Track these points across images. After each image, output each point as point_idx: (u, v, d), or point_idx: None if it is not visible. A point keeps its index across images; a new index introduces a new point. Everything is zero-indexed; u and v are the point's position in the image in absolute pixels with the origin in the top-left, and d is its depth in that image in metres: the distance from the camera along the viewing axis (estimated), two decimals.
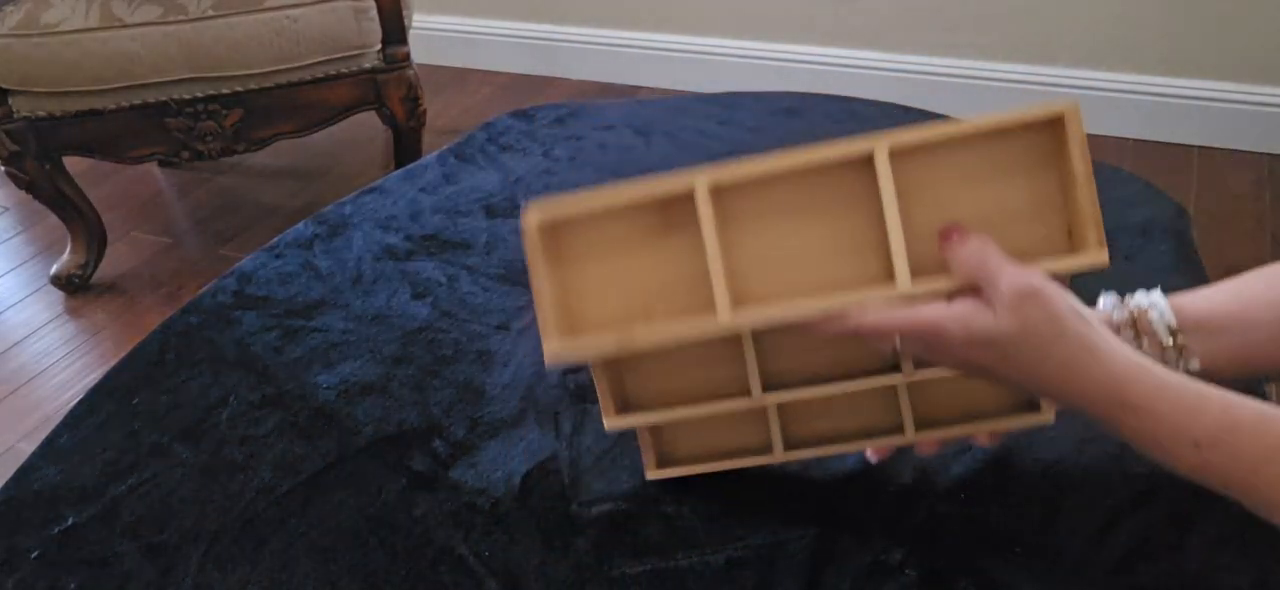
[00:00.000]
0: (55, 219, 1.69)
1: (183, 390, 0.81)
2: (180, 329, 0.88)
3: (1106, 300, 0.61)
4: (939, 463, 0.67)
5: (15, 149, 1.54)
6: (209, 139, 1.58)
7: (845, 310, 0.51)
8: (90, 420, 0.78)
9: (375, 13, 1.55)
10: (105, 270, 1.75)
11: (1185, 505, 0.62)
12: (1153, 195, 0.94)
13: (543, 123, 1.19)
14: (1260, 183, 1.64)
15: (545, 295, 0.56)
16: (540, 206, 0.54)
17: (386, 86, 1.61)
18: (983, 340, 0.48)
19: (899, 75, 1.93)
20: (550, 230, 0.56)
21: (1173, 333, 0.56)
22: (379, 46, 1.59)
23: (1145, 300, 0.59)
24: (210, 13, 1.49)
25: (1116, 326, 0.59)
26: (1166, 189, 0.96)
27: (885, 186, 0.50)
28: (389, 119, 1.65)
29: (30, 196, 1.63)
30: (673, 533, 0.65)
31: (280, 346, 0.85)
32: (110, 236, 1.76)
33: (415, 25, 2.09)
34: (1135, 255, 0.85)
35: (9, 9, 1.49)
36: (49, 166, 1.59)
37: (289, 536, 0.67)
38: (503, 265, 0.94)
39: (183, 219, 1.93)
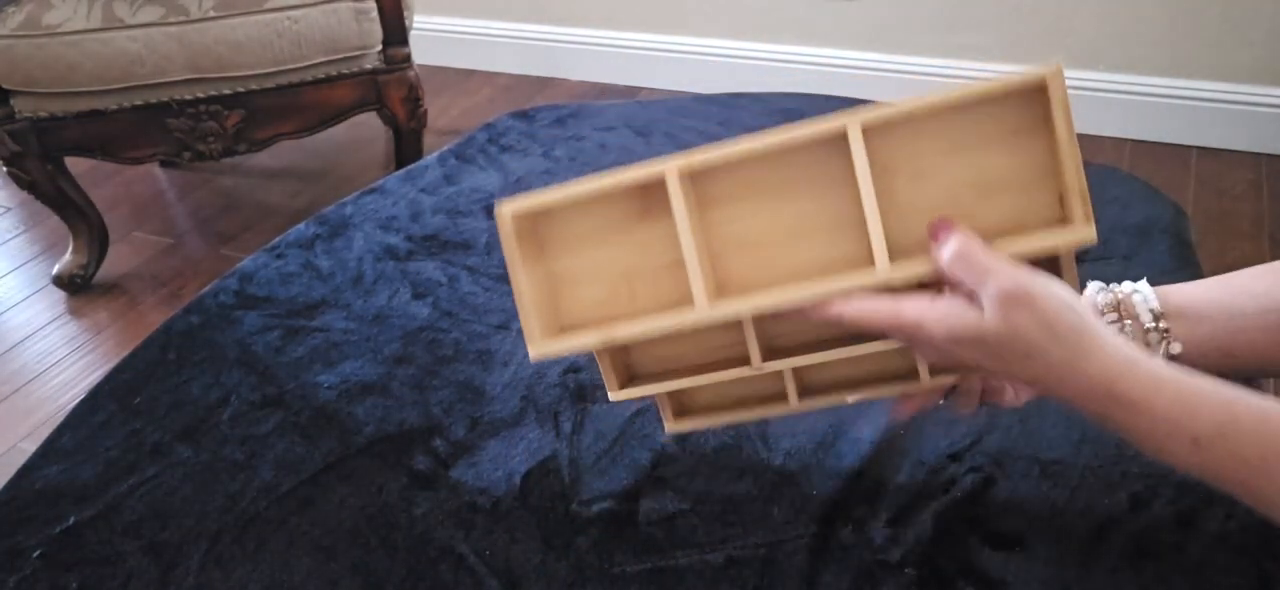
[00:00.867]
0: (57, 219, 1.69)
1: (184, 390, 0.81)
2: (181, 329, 0.88)
3: (1091, 287, 0.61)
4: (940, 462, 0.67)
5: (17, 149, 1.54)
6: (210, 140, 1.58)
7: (827, 299, 0.50)
8: (92, 420, 0.78)
9: (376, 14, 1.55)
10: (107, 270, 1.75)
11: (1185, 505, 0.62)
12: (1151, 195, 0.94)
13: (543, 123, 1.19)
14: (1258, 183, 1.64)
15: (524, 295, 0.55)
16: (514, 199, 0.54)
17: (387, 87, 1.61)
18: (969, 340, 0.47)
19: (899, 75, 1.93)
20: (526, 222, 0.55)
21: (1156, 316, 0.56)
22: (380, 47, 1.59)
23: (1129, 285, 0.59)
24: (211, 14, 1.49)
25: (1100, 310, 0.59)
26: (1165, 189, 0.96)
27: (860, 166, 0.49)
28: (390, 120, 1.66)
29: (32, 197, 1.63)
30: (673, 532, 0.65)
31: (281, 346, 0.85)
32: (112, 237, 1.76)
33: (416, 26, 2.09)
34: (1133, 255, 0.85)
35: (11, 10, 1.49)
36: (51, 167, 1.59)
37: (290, 536, 0.67)
38: (503, 265, 0.94)
39: (184, 219, 1.93)
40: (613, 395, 0.62)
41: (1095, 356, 0.46)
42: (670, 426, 0.66)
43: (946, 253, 0.48)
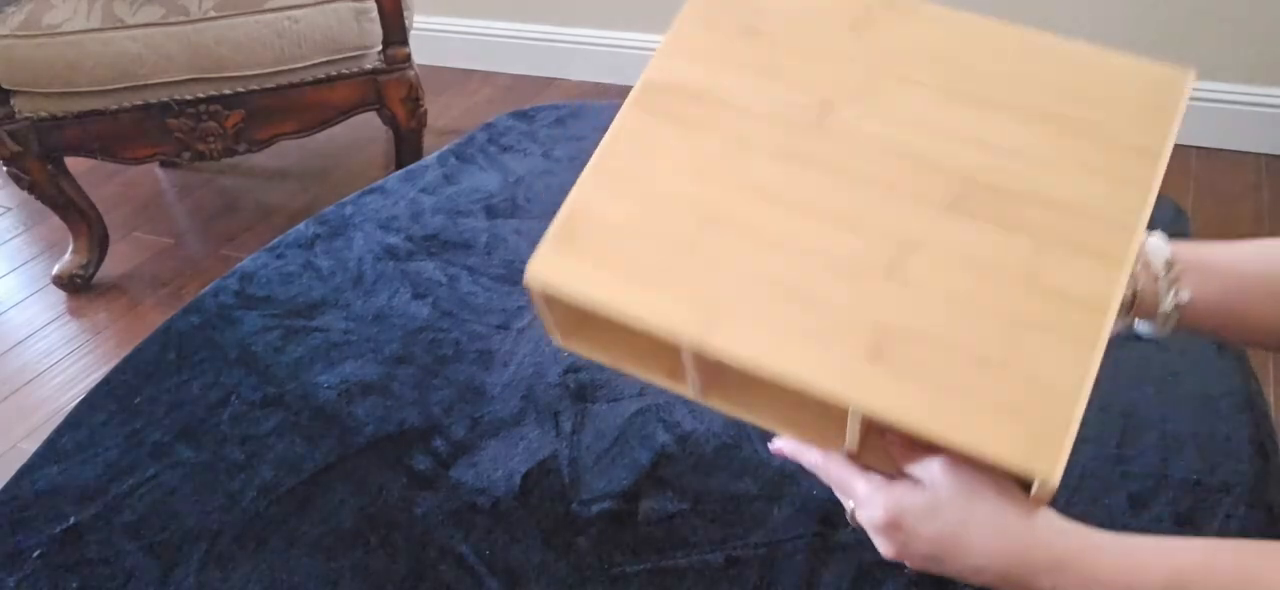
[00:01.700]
0: (57, 219, 1.69)
1: (184, 390, 0.81)
2: (182, 329, 0.88)
3: None
4: None
5: (17, 149, 1.54)
6: (210, 139, 1.58)
7: (794, 446, 0.54)
8: (92, 420, 0.78)
9: (376, 14, 1.55)
10: (107, 270, 1.75)
11: (1184, 506, 0.62)
12: None
13: (543, 123, 1.19)
14: (1258, 184, 1.64)
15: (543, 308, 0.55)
16: (546, 269, 0.54)
17: (387, 87, 1.61)
18: (912, 515, 0.49)
19: None
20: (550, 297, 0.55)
21: (1169, 265, 0.56)
22: (380, 47, 1.59)
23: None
24: (212, 14, 1.49)
25: None
26: (1164, 190, 0.96)
27: (851, 434, 0.51)
28: (390, 120, 1.66)
29: (32, 197, 1.63)
30: (673, 532, 0.65)
31: (281, 346, 0.85)
32: (112, 236, 1.76)
33: (416, 26, 2.09)
34: None
35: (11, 10, 1.50)
36: (51, 167, 1.59)
37: (290, 535, 0.67)
38: (503, 265, 0.94)
39: (184, 219, 1.93)
40: (557, 341, 0.58)
41: (1037, 532, 0.46)
42: (559, 342, 0.60)
43: (910, 460, 0.49)
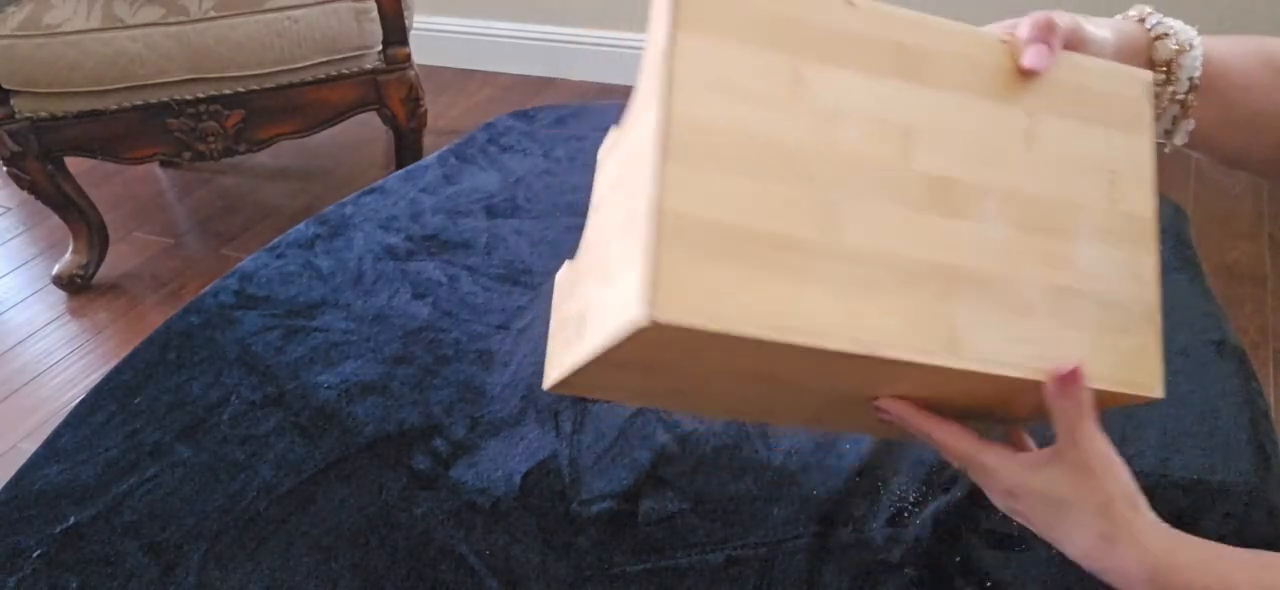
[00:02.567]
0: (57, 219, 1.69)
1: (184, 390, 0.81)
2: (182, 329, 0.88)
3: (1150, 18, 0.56)
4: (939, 462, 0.67)
5: (17, 149, 1.54)
6: (210, 139, 1.58)
7: (902, 408, 0.50)
8: (92, 420, 0.78)
9: (376, 14, 1.55)
10: (107, 270, 1.75)
11: (1184, 505, 0.62)
12: None
13: (543, 123, 1.19)
14: (1258, 183, 1.64)
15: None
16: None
17: (387, 87, 1.61)
18: (1035, 492, 0.48)
19: None
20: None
21: (1191, 87, 0.53)
22: (380, 47, 1.59)
23: (1186, 35, 0.54)
24: (211, 14, 1.49)
25: (1151, 54, 0.55)
26: (1165, 190, 0.95)
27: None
28: (390, 120, 1.66)
29: (32, 197, 1.63)
30: (673, 532, 0.65)
31: (281, 346, 0.85)
32: (112, 236, 1.76)
33: (416, 26, 2.09)
34: None
35: (11, 9, 1.50)
36: (51, 167, 1.59)
37: (290, 536, 0.67)
38: (503, 265, 0.94)
39: (184, 219, 1.93)
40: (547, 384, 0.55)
41: (1143, 537, 0.47)
42: (549, 385, 0.56)
43: (1061, 401, 0.47)
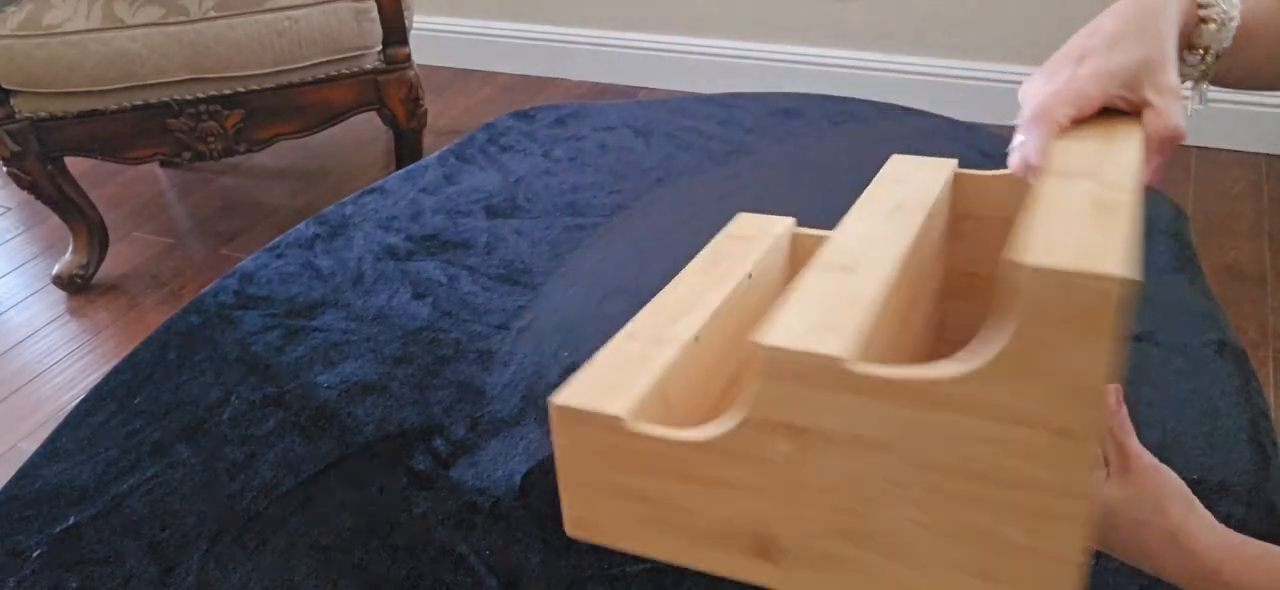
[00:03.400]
0: (57, 219, 1.69)
1: (184, 390, 0.81)
2: (182, 329, 0.88)
3: None
4: None
5: (17, 149, 1.54)
6: (210, 139, 1.58)
7: None
8: (92, 420, 0.78)
9: (376, 14, 1.55)
10: (107, 270, 1.75)
11: None
12: (1151, 196, 0.94)
13: (543, 123, 1.19)
14: (1258, 183, 1.64)
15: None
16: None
17: (387, 87, 1.61)
18: (1111, 509, 0.51)
19: (899, 75, 1.93)
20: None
21: (1218, 55, 0.52)
22: (380, 47, 1.59)
23: (1223, 11, 0.51)
24: (211, 14, 1.49)
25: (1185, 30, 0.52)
26: (1165, 190, 0.96)
27: None
28: (390, 120, 1.66)
29: (32, 197, 1.63)
30: None
31: (281, 346, 0.85)
32: (112, 236, 1.76)
33: (416, 26, 2.09)
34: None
35: (11, 10, 1.50)
36: (51, 167, 1.59)
37: (290, 535, 0.67)
38: (503, 265, 0.94)
39: (184, 219, 1.93)
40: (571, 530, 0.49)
41: (1200, 538, 0.49)
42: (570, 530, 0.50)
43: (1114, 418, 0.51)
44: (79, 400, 0.80)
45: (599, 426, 0.43)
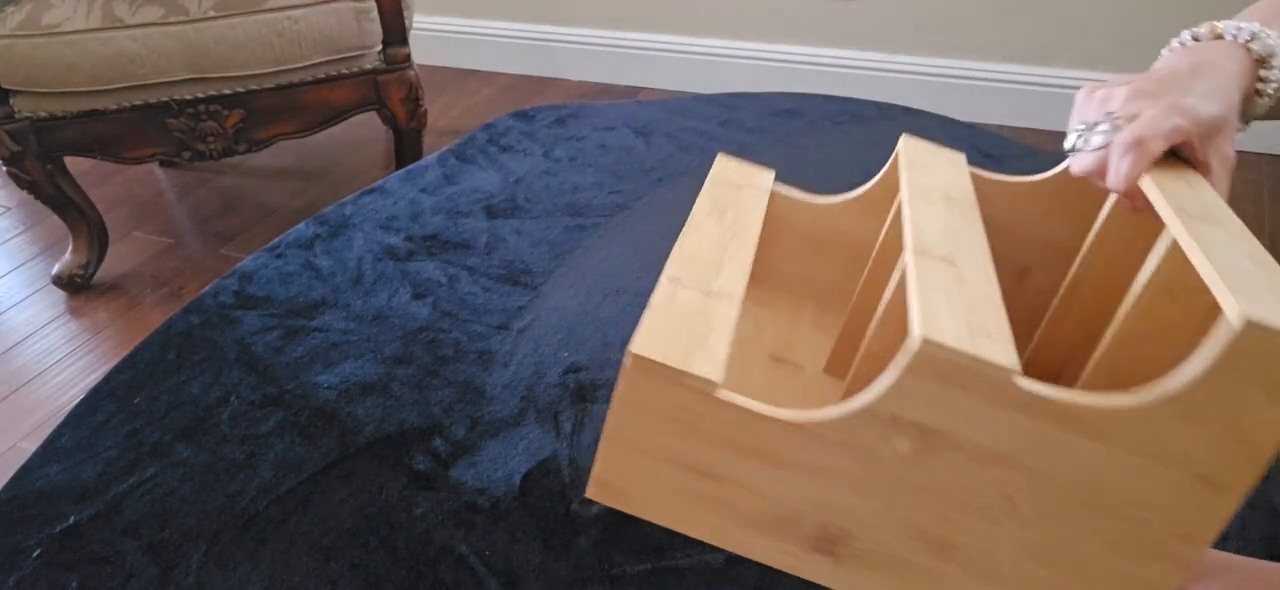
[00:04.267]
0: (57, 219, 1.69)
1: (184, 390, 0.81)
2: (181, 329, 0.88)
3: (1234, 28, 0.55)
4: None
5: (17, 149, 1.54)
6: (210, 139, 1.58)
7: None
8: (92, 420, 0.78)
9: (376, 14, 1.55)
10: (107, 270, 1.75)
11: None
12: None
13: (543, 123, 1.19)
14: (1258, 183, 1.64)
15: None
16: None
17: (387, 87, 1.61)
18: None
19: (899, 75, 1.93)
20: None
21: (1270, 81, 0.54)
22: (380, 47, 1.59)
23: (1274, 43, 0.54)
24: (211, 13, 1.49)
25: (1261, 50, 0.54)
26: None
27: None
28: (390, 120, 1.66)
29: (32, 196, 1.63)
30: (673, 533, 0.65)
31: (281, 346, 0.85)
32: (112, 236, 1.76)
33: (416, 26, 2.09)
34: None
35: (10, 9, 1.50)
36: (50, 166, 1.59)
37: (289, 535, 0.67)
38: (503, 265, 0.94)
39: (184, 219, 1.93)
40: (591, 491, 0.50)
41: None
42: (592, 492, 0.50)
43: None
44: (79, 400, 0.80)
45: (683, 388, 0.38)
